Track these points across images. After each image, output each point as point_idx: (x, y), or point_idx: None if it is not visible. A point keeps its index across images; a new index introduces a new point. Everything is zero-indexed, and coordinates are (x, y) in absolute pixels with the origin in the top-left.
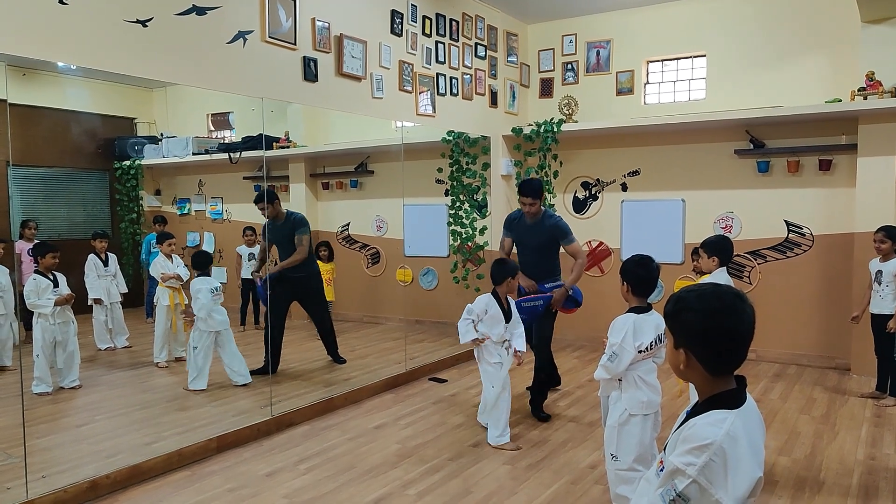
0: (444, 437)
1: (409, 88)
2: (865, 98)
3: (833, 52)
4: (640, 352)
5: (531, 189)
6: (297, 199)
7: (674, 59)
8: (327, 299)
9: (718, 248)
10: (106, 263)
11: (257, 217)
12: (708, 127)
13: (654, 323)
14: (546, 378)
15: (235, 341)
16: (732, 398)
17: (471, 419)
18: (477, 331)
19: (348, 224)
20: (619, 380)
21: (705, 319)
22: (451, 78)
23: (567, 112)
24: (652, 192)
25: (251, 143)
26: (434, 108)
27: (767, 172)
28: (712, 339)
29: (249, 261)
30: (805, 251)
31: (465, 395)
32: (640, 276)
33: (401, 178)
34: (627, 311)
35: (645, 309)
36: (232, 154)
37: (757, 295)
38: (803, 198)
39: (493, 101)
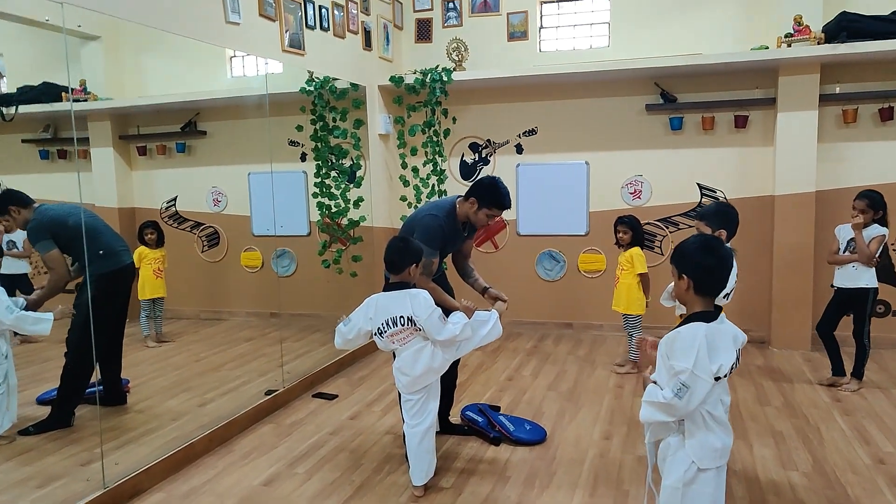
0: (368, 486)
1: (273, 14)
2: (790, 45)
3: None
4: (716, 379)
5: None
6: (102, 168)
7: (571, 1)
8: (160, 295)
9: (724, 218)
10: None
11: (42, 192)
12: (613, 78)
13: (731, 334)
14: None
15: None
16: (708, 316)
17: (391, 453)
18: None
19: (175, 199)
20: (681, 421)
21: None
22: (320, 6)
23: (456, 58)
24: (551, 155)
25: (33, 94)
26: (303, 45)
27: (680, 130)
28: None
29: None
30: None
31: (367, 414)
32: (710, 267)
33: (260, 139)
34: (690, 319)
35: (714, 314)
36: (5, 109)
37: (669, 266)
38: (717, 158)
39: (367, 43)
